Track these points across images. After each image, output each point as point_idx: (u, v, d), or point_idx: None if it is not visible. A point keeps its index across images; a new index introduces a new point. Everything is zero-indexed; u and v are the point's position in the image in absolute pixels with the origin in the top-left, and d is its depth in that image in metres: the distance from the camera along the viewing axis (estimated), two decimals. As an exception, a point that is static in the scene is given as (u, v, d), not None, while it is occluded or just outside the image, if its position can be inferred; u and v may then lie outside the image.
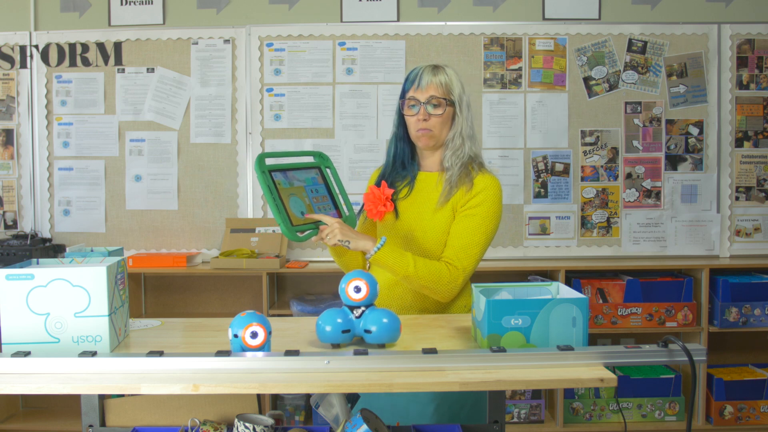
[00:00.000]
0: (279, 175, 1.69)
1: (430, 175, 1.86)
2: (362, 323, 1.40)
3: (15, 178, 3.38)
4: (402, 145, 1.89)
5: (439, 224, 1.78)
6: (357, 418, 1.37)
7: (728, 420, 3.11)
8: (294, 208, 1.67)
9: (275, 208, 1.63)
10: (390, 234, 1.84)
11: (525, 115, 3.33)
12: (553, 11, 3.33)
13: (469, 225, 1.75)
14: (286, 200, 1.66)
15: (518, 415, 3.16)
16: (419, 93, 1.79)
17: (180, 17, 3.35)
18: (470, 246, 1.74)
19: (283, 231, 1.62)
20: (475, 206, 1.76)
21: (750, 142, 3.35)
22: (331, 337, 1.38)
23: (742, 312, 3.06)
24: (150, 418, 1.60)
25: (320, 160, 1.86)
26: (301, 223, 1.67)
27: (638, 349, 1.29)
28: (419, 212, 1.82)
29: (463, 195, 1.78)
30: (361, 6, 3.33)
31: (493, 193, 1.78)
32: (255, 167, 1.65)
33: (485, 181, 1.79)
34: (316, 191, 1.77)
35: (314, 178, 1.80)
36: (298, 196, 1.71)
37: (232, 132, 3.35)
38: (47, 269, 1.35)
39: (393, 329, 1.39)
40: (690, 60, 3.32)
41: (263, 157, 1.67)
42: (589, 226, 3.35)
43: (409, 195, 1.85)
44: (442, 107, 1.79)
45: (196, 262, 3.28)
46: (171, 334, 1.58)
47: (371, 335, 1.38)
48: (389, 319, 1.39)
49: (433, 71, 1.80)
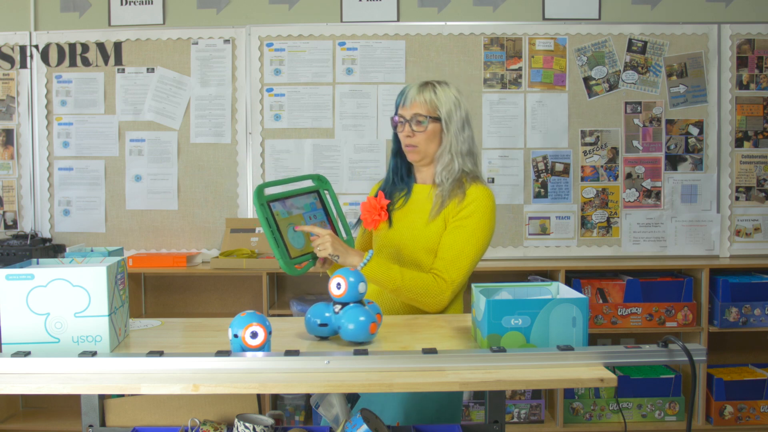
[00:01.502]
0: (278, 206, 1.68)
1: (424, 187, 1.88)
2: (339, 319, 1.42)
3: (15, 178, 3.38)
4: (398, 160, 1.93)
5: (431, 235, 1.79)
6: (357, 418, 1.37)
7: (728, 420, 3.11)
8: (292, 239, 1.67)
9: (273, 243, 1.61)
10: (382, 243, 1.87)
11: (525, 115, 3.33)
12: (553, 11, 3.33)
13: (460, 236, 1.75)
14: (284, 231, 1.66)
15: (518, 415, 3.16)
16: (405, 110, 1.83)
17: (180, 17, 3.35)
18: (460, 258, 1.74)
19: (282, 266, 1.62)
20: (465, 217, 1.76)
21: (750, 142, 3.35)
22: (311, 329, 1.46)
23: (742, 312, 3.06)
24: (150, 418, 1.60)
25: (319, 183, 1.86)
26: (299, 254, 1.68)
27: (638, 349, 1.29)
28: (411, 223, 1.84)
29: (454, 206, 1.79)
30: (361, 6, 3.33)
31: (484, 204, 1.78)
32: (254, 200, 1.64)
33: (476, 191, 1.79)
34: (314, 217, 1.78)
35: (313, 203, 1.80)
36: (297, 224, 1.71)
37: (232, 132, 3.35)
38: (47, 269, 1.35)
39: (363, 328, 1.39)
40: (690, 60, 3.32)
41: (262, 188, 1.65)
42: (589, 226, 3.35)
43: (403, 206, 1.88)
44: (425, 125, 1.80)
45: (196, 262, 3.28)
46: (171, 334, 1.58)
47: (342, 331, 1.41)
48: (365, 317, 1.40)
49: (419, 89, 1.82)
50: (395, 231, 1.86)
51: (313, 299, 3.20)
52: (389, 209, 1.89)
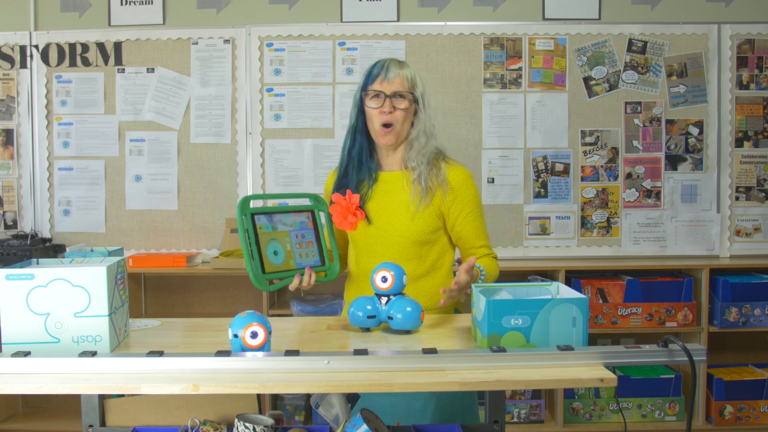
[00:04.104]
0: (262, 219, 1.66)
1: (394, 174, 1.83)
2: (388, 310, 1.52)
3: (15, 178, 3.38)
4: (361, 139, 1.84)
5: (423, 228, 1.78)
6: (357, 418, 1.37)
7: (728, 420, 3.11)
8: (271, 254, 1.65)
9: (247, 254, 1.60)
10: (366, 242, 1.82)
11: (525, 115, 3.33)
12: (553, 11, 3.33)
13: (476, 221, 1.83)
14: (264, 245, 1.64)
15: (518, 415, 3.16)
16: (385, 85, 1.76)
17: (180, 17, 3.35)
18: (486, 235, 1.88)
19: (252, 279, 1.60)
20: (467, 204, 1.81)
21: (750, 142, 3.35)
22: (359, 321, 1.54)
23: (742, 312, 3.06)
24: (150, 418, 1.59)
25: (315, 204, 1.83)
26: (275, 270, 1.65)
27: (638, 349, 1.29)
28: (393, 215, 1.79)
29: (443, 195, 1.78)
30: (361, 6, 3.33)
31: (472, 184, 1.84)
32: (237, 209, 1.63)
33: (458, 175, 1.81)
34: (302, 236, 1.74)
35: (304, 223, 1.76)
36: (280, 241, 1.68)
37: (232, 132, 3.35)
38: (47, 269, 1.35)
39: (414, 317, 1.50)
40: (690, 60, 3.32)
41: (248, 200, 1.64)
42: (589, 226, 3.35)
43: (374, 197, 1.82)
44: (408, 101, 1.77)
45: (196, 262, 3.28)
46: (171, 334, 1.58)
47: (394, 321, 1.50)
48: (412, 307, 1.50)
49: (399, 65, 1.79)
50: (377, 228, 1.80)
51: (313, 299, 3.20)
52: (360, 205, 1.81)
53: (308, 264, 1.72)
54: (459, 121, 3.32)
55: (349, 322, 1.57)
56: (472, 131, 3.33)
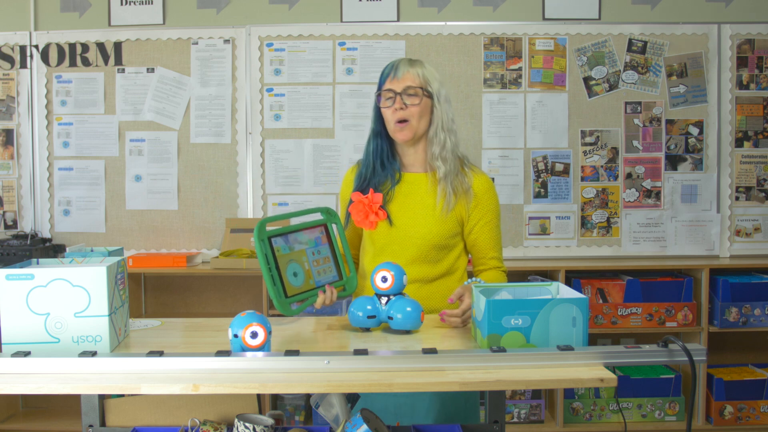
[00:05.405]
0: (279, 241, 1.61)
1: (418, 176, 1.83)
2: (388, 310, 1.52)
3: (15, 178, 3.38)
4: (380, 142, 1.83)
5: (445, 232, 1.78)
6: (357, 418, 1.37)
7: (728, 420, 3.11)
8: (291, 277, 1.61)
9: (270, 281, 1.55)
10: (385, 242, 1.80)
11: (525, 115, 3.33)
12: (553, 11, 3.33)
13: (493, 231, 1.84)
14: (283, 268, 1.59)
15: (518, 415, 3.16)
16: (395, 83, 1.76)
17: (180, 17, 3.35)
18: (500, 247, 1.89)
19: (276, 306, 1.56)
20: (487, 212, 1.82)
21: (750, 142, 3.35)
22: (359, 321, 1.54)
23: (742, 312, 3.06)
24: (150, 418, 1.59)
25: (327, 217, 1.78)
26: (297, 292, 1.61)
27: (638, 349, 1.29)
28: (415, 216, 1.78)
29: (467, 203, 1.79)
30: (361, 6, 3.33)
31: (495, 193, 1.87)
32: (254, 235, 1.57)
33: (482, 183, 1.83)
34: (318, 253, 1.70)
35: (318, 238, 1.72)
36: (298, 261, 1.64)
37: (232, 132, 3.35)
38: (47, 269, 1.35)
39: (414, 318, 1.50)
40: (690, 60, 3.32)
41: (264, 224, 1.58)
42: (589, 226, 3.35)
43: (397, 197, 1.81)
44: (419, 97, 1.75)
45: (196, 262, 3.28)
46: (171, 334, 1.58)
47: (394, 322, 1.50)
48: (412, 307, 1.51)
49: (410, 63, 1.78)
50: (397, 229, 1.79)
51: (313, 299, 3.19)
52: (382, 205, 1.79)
53: (327, 281, 1.69)
54: (459, 121, 3.31)
55: (349, 322, 1.57)
56: (472, 131, 3.33)
